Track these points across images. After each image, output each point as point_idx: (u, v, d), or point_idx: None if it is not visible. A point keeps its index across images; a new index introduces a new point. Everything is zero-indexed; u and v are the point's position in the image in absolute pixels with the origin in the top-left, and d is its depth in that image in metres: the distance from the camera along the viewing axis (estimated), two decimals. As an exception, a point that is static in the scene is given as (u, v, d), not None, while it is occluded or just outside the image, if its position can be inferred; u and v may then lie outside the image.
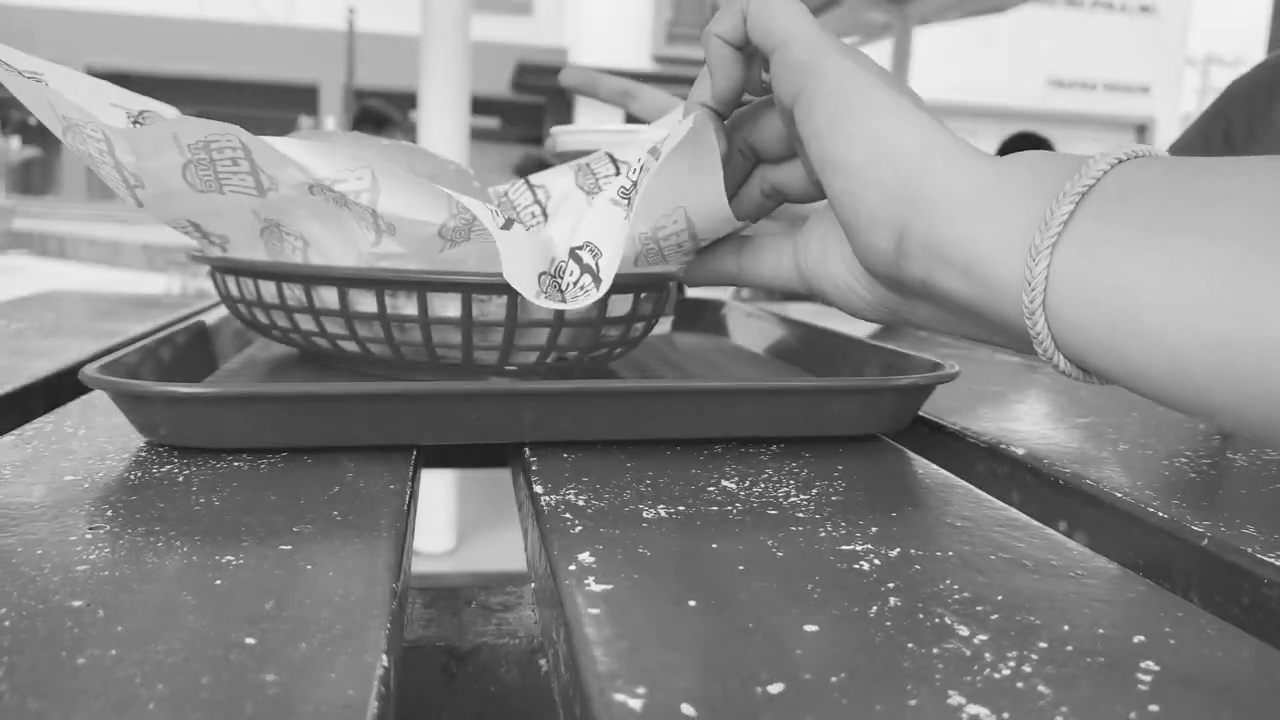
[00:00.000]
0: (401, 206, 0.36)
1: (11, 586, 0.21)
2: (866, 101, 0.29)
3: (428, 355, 0.40)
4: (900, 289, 0.31)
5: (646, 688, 0.17)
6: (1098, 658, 0.19)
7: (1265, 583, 0.25)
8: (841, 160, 0.29)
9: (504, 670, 0.39)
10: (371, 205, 0.36)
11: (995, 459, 0.37)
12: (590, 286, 0.34)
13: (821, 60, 0.31)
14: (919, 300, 0.31)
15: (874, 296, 0.33)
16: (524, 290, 0.33)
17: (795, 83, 0.31)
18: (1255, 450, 0.38)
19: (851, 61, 0.31)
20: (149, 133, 0.35)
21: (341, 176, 0.36)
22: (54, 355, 0.50)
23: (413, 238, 0.37)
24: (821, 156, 0.30)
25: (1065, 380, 0.53)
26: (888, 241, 0.29)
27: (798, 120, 0.31)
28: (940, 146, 0.28)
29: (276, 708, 0.16)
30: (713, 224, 0.36)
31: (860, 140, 0.29)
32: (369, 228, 0.38)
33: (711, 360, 0.55)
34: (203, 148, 0.35)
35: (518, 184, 0.52)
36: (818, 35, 0.31)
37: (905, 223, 0.28)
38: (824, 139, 0.30)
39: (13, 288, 0.90)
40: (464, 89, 1.90)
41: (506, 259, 0.33)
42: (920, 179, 0.28)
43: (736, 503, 0.29)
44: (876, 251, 0.30)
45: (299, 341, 0.43)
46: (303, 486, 0.29)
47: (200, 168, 0.36)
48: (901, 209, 0.28)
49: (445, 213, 0.36)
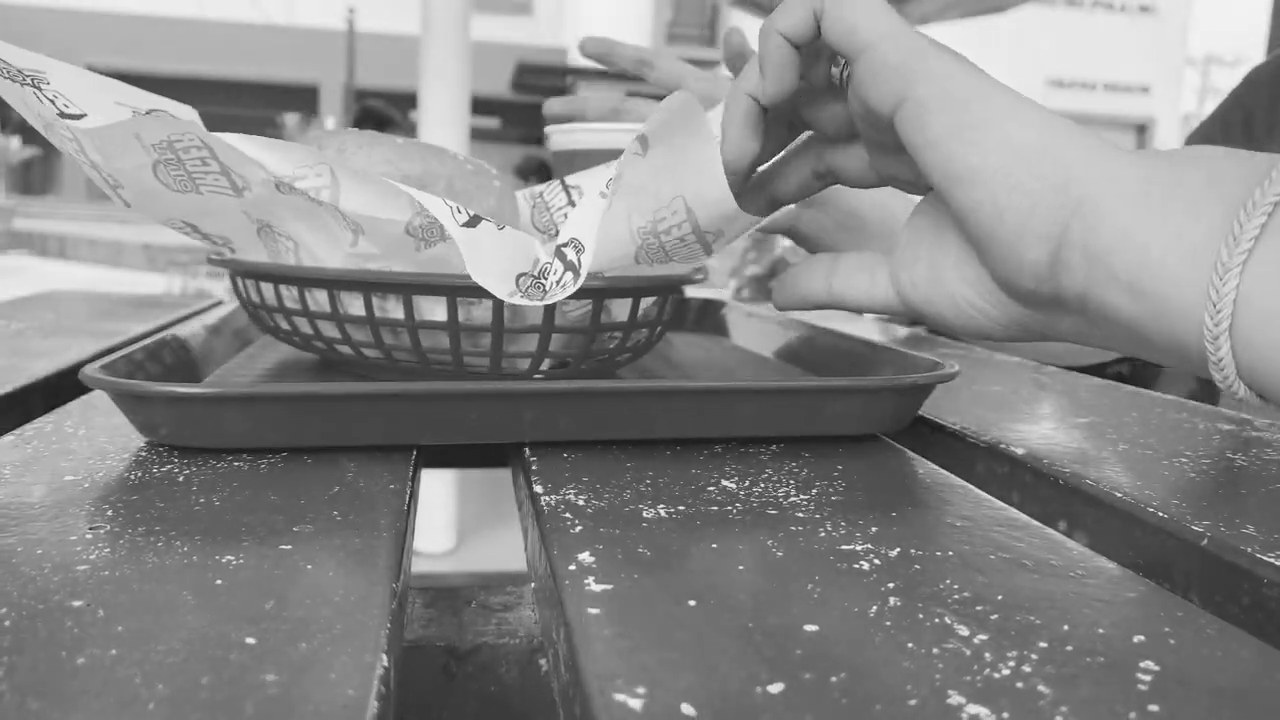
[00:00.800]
0: (362, 204, 0.35)
1: (11, 586, 0.21)
2: (992, 105, 0.27)
3: (419, 360, 0.39)
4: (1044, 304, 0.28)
5: (646, 687, 0.17)
6: (1098, 658, 0.19)
7: (1265, 583, 0.25)
8: (976, 169, 0.27)
9: (504, 670, 0.39)
10: (333, 203, 0.35)
11: (995, 459, 0.37)
12: (569, 281, 0.34)
13: (920, 63, 0.28)
14: (1062, 314, 0.29)
15: (1004, 314, 0.30)
16: (493, 289, 0.32)
17: (894, 88, 0.28)
18: (1255, 450, 0.38)
19: (954, 63, 0.28)
20: (112, 132, 0.34)
21: (300, 174, 0.35)
22: (54, 355, 0.50)
23: (383, 236, 0.36)
24: (947, 167, 0.28)
25: (1065, 380, 0.53)
26: (1040, 252, 0.27)
27: (905, 129, 0.29)
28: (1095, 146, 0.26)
29: (276, 707, 0.16)
30: (715, 215, 0.35)
31: (995, 147, 0.27)
32: (345, 227, 0.37)
33: (711, 360, 0.55)
34: (167, 147, 0.35)
35: (553, 184, 0.50)
36: (909, 34, 0.29)
37: (1064, 229, 0.26)
38: (949, 147, 0.28)
39: (13, 288, 0.90)
40: (464, 89, 1.90)
41: (469, 257, 0.32)
42: (1081, 181, 0.25)
43: (736, 502, 0.29)
44: (1025, 264, 0.27)
45: (299, 344, 0.43)
46: (303, 486, 0.29)
47: (170, 167, 0.36)
48: (1059, 214, 0.26)
49: (409, 210, 0.35)
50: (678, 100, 0.32)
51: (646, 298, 0.41)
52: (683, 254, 0.38)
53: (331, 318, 0.39)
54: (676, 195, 0.35)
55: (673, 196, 0.35)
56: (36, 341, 0.55)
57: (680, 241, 0.37)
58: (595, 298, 0.38)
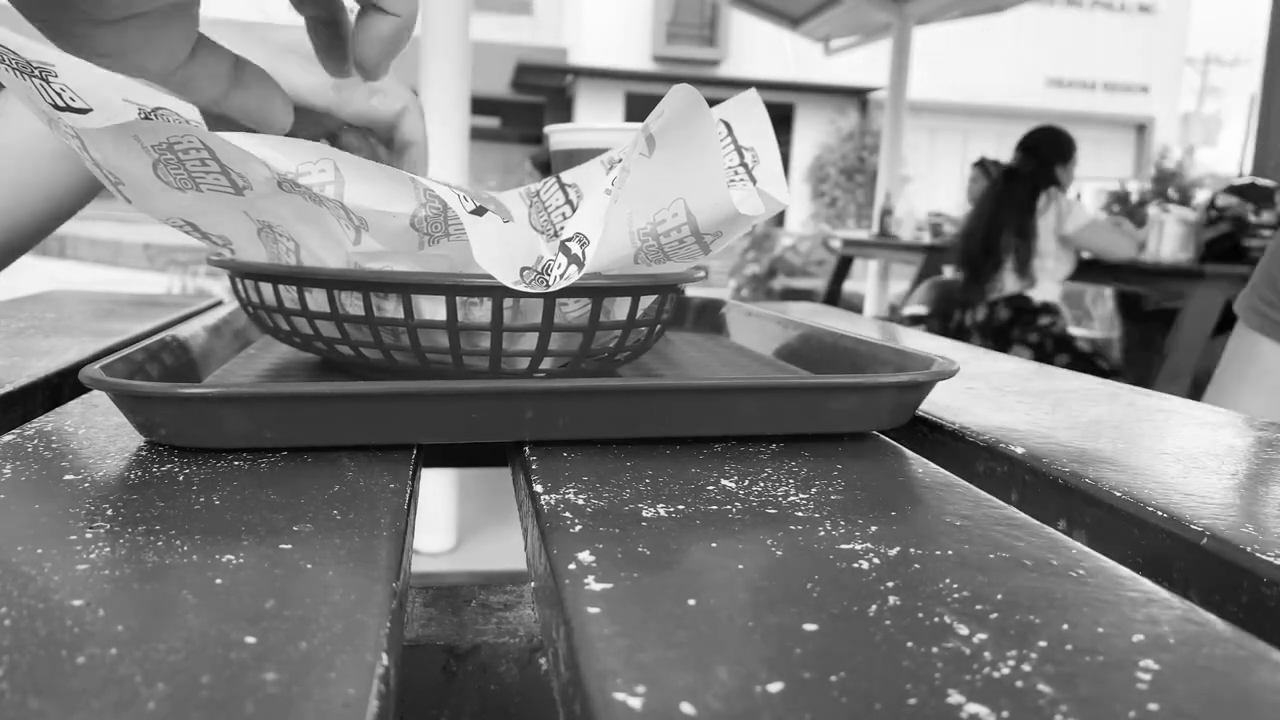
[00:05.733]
0: (368, 197, 0.35)
1: (11, 586, 0.21)
2: None
3: (419, 360, 0.39)
4: None
5: (646, 686, 0.17)
6: (1097, 657, 0.19)
7: (1264, 581, 0.25)
8: None
9: (504, 669, 0.39)
10: (338, 198, 0.35)
11: (994, 458, 0.37)
12: (573, 273, 0.34)
13: None
14: None
15: None
16: (499, 275, 0.32)
17: None
18: (1255, 450, 0.38)
19: None
20: (110, 133, 0.34)
21: (304, 170, 0.35)
22: (54, 355, 0.50)
23: (386, 231, 0.36)
24: None
25: (1065, 380, 0.53)
26: None
27: None
28: None
29: (276, 707, 0.16)
30: (715, 216, 0.35)
31: None
32: (348, 225, 0.37)
33: (711, 359, 0.55)
34: (167, 148, 0.35)
35: (549, 183, 0.50)
36: None
37: None
38: None
39: (13, 287, 0.90)
40: (464, 89, 1.90)
41: (476, 243, 0.32)
42: None
43: (736, 502, 0.29)
44: None
45: (299, 344, 0.43)
46: (303, 486, 0.29)
47: (170, 166, 0.36)
48: None
49: (414, 201, 0.35)
50: (681, 95, 0.32)
51: (646, 296, 0.41)
52: (681, 254, 0.38)
53: (331, 317, 0.39)
54: (678, 198, 0.35)
55: (673, 199, 0.35)
56: (37, 341, 0.55)
57: (679, 243, 0.37)
58: (595, 296, 0.38)
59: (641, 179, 0.34)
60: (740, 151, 0.44)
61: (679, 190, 0.35)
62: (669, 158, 0.34)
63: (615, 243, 0.36)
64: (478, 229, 0.33)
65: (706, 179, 0.34)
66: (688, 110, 0.33)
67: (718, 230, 0.37)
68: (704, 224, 0.36)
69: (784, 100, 13.85)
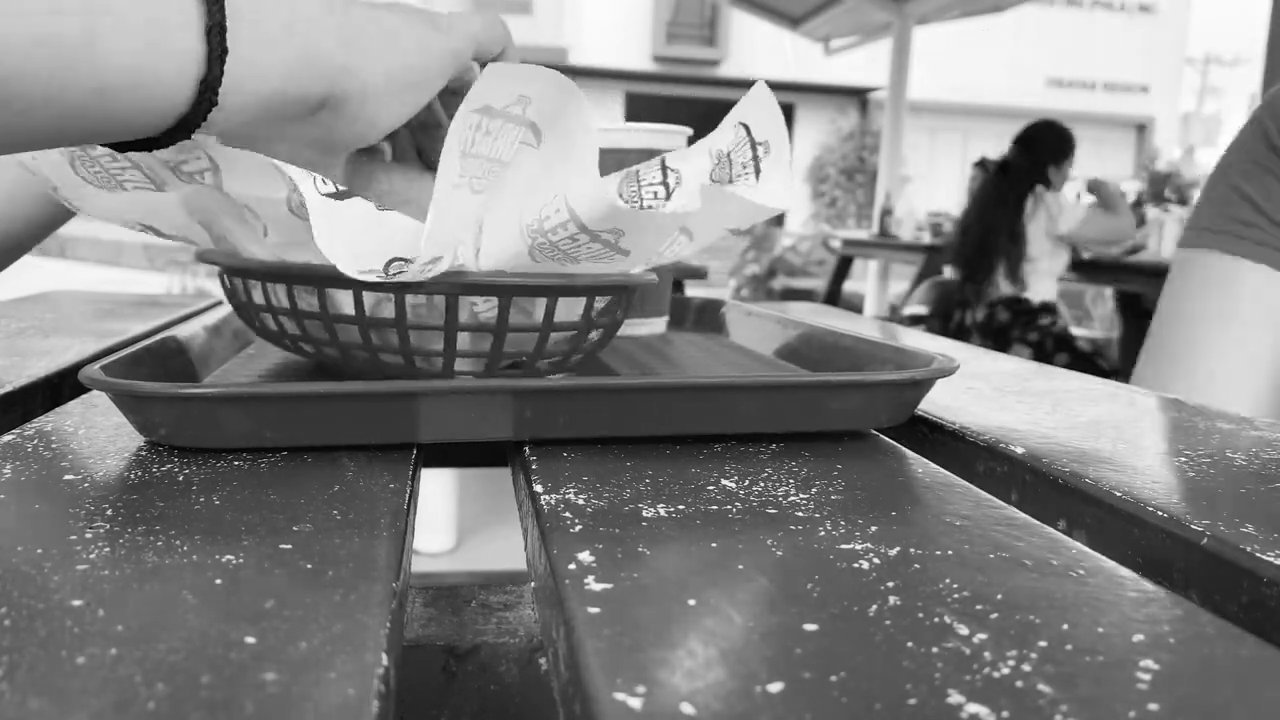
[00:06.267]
0: (244, 185, 0.34)
1: (11, 586, 0.21)
2: None
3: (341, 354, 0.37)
4: None
5: (646, 686, 0.17)
6: (1097, 657, 0.19)
7: (1264, 581, 0.25)
8: None
9: (504, 669, 0.39)
10: (216, 186, 0.34)
11: (994, 458, 0.37)
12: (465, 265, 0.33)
13: None
14: None
15: None
16: (340, 262, 0.31)
17: None
18: (1255, 449, 0.38)
19: None
20: None
21: (183, 158, 0.34)
22: (54, 355, 0.50)
23: (275, 220, 0.35)
24: None
25: (1065, 380, 0.53)
26: None
27: None
28: None
29: (276, 706, 0.16)
30: (598, 213, 0.33)
31: None
32: (252, 216, 0.36)
33: (710, 359, 0.55)
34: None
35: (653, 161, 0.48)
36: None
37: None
38: None
39: (13, 288, 0.90)
40: (464, 89, 1.90)
41: (318, 226, 0.31)
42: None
43: (736, 502, 0.29)
44: None
45: (275, 340, 0.41)
46: (303, 486, 0.29)
47: (85, 164, 0.35)
48: None
49: (285, 186, 0.34)
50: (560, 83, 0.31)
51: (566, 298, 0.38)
52: (589, 254, 0.35)
53: (292, 314, 0.37)
54: (558, 193, 0.33)
55: (554, 194, 0.33)
56: (37, 341, 0.55)
57: (572, 241, 0.34)
58: (502, 295, 0.36)
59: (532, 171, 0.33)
60: (754, 146, 0.42)
61: (560, 184, 0.33)
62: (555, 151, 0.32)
63: (507, 240, 0.35)
64: (326, 212, 0.31)
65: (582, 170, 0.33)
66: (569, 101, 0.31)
67: (615, 228, 0.34)
68: (589, 220, 0.33)
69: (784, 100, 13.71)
